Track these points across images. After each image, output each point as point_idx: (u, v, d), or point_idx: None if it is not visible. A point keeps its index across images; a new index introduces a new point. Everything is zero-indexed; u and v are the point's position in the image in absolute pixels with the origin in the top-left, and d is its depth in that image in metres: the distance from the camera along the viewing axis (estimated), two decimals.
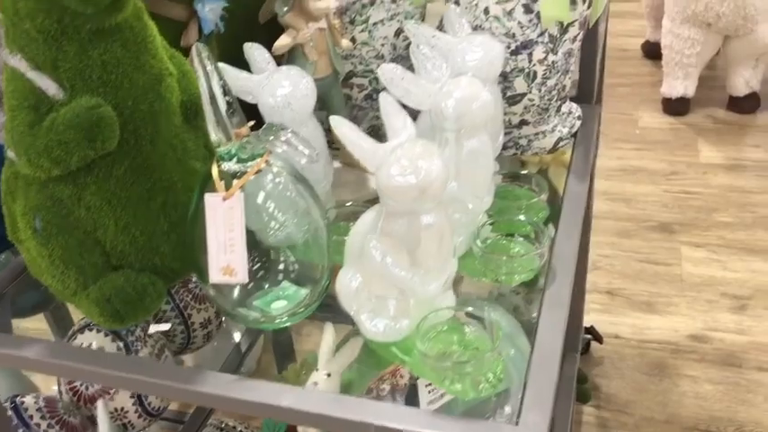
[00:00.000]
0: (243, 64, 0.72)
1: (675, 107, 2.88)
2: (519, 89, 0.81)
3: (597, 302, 2.16)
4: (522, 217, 0.72)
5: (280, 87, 0.65)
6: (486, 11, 0.78)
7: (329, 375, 0.64)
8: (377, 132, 0.81)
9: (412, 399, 0.66)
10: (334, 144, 0.78)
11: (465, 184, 0.66)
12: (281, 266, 0.62)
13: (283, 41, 0.73)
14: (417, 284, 0.56)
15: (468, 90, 0.62)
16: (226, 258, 0.55)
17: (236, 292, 0.61)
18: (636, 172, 2.60)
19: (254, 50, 0.69)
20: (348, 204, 0.73)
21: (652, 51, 3.04)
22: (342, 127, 0.57)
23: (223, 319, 0.89)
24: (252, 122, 0.57)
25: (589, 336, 1.61)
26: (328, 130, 0.63)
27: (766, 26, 2.54)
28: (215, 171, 0.56)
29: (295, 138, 0.57)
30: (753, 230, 2.33)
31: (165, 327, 0.78)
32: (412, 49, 0.66)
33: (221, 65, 0.66)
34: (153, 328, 0.75)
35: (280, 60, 0.73)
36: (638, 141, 2.77)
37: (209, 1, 0.74)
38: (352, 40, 0.82)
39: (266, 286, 0.61)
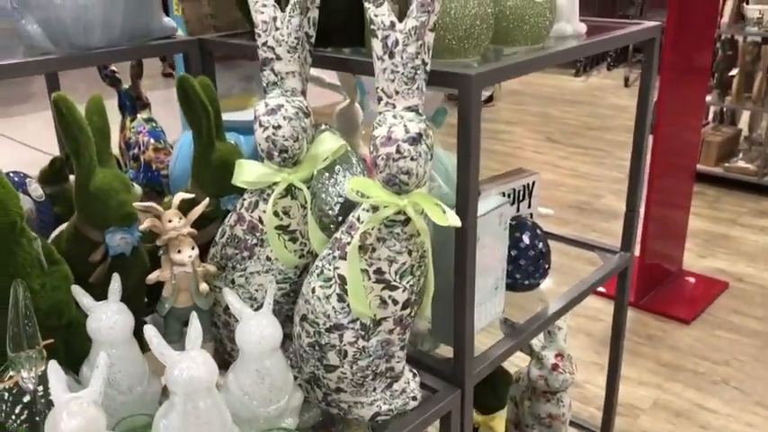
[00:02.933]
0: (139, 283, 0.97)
1: None
2: (332, 361, 0.93)
3: None
4: None
5: (101, 315, 0.88)
6: (314, 290, 0.93)
7: None
8: None
9: None
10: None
11: None
12: None
13: (151, 276, 0.96)
14: None
15: (195, 364, 0.78)
16: None
17: None
18: None
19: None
20: None
21: None
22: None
23: None
24: None
25: None
26: None
27: None
28: None
29: None
30: None
31: None
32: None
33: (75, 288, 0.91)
34: None
35: None
36: None
37: (122, 233, 0.99)
38: (232, 282, 1.02)
39: None
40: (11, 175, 1.22)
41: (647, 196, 3.13)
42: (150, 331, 0.81)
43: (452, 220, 0.85)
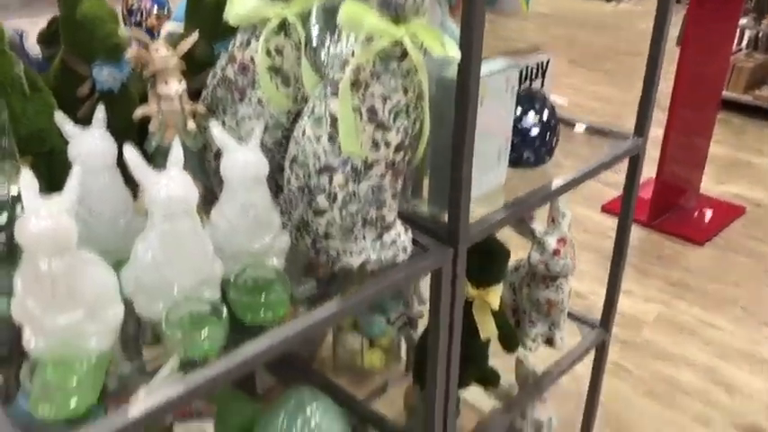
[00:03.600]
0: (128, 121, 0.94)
1: None
2: (321, 205, 0.90)
3: None
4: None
5: (83, 141, 0.85)
6: (304, 131, 0.89)
7: None
8: None
9: None
10: None
11: (176, 259, 0.79)
12: None
13: (137, 112, 0.93)
14: None
15: (174, 183, 0.76)
16: None
17: None
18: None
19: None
20: None
21: None
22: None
23: None
24: None
25: None
26: None
27: None
28: None
29: None
30: None
31: None
32: None
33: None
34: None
35: None
36: None
37: (109, 67, 0.96)
38: (222, 124, 0.98)
39: None
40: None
41: (667, 121, 3.03)
42: (129, 151, 0.78)
43: (452, 51, 0.80)
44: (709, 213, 3.16)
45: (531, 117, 1.20)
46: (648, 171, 2.85)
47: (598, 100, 4.48)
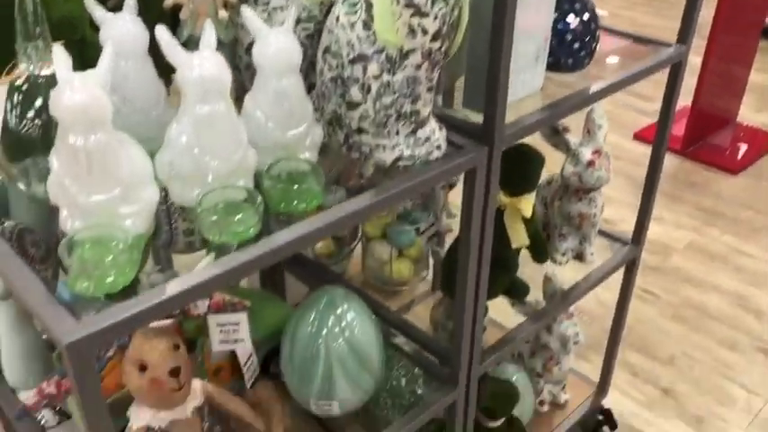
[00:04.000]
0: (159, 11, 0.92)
1: None
2: (354, 97, 0.88)
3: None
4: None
5: (114, 24, 0.84)
6: (338, 18, 0.87)
7: None
8: None
9: None
10: None
11: (210, 144, 0.78)
12: None
13: (168, 0, 0.90)
14: None
15: (207, 63, 0.74)
16: None
17: None
18: None
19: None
20: None
21: None
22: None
23: None
24: None
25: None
26: None
27: None
28: None
29: None
30: None
31: None
32: None
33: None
34: None
35: None
36: None
37: None
38: None
39: None
40: None
41: (707, 46, 2.92)
42: (161, 31, 0.76)
43: None
44: (745, 142, 3.08)
45: (571, 18, 1.16)
46: (683, 101, 2.78)
47: (635, 27, 4.33)
